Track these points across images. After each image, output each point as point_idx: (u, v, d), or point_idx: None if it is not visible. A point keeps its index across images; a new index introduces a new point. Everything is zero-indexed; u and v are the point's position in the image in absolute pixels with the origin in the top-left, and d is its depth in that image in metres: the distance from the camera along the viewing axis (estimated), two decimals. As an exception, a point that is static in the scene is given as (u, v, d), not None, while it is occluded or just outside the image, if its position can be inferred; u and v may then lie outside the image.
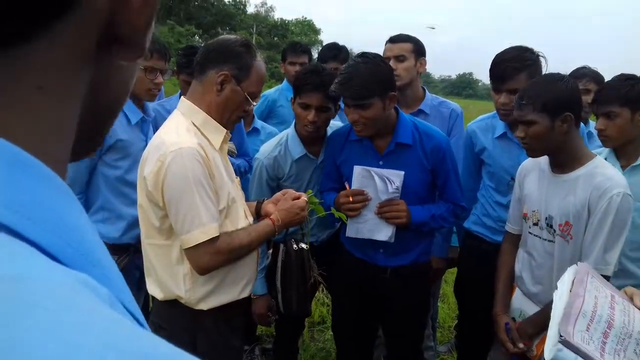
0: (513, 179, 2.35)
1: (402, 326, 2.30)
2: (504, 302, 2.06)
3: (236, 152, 2.72)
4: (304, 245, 1.93)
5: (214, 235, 1.56)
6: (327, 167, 2.28)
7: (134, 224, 2.25)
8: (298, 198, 1.82)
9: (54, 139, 0.31)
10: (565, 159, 1.87)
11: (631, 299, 1.46)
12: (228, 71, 1.61)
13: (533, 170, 2.01)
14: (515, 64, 2.18)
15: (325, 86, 2.10)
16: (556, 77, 1.83)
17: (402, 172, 2.07)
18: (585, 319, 1.37)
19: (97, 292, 0.25)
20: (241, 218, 1.72)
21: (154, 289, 1.70)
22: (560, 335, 1.30)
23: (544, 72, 2.26)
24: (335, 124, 2.42)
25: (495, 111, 2.39)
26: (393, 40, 2.69)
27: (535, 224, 1.95)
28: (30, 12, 0.26)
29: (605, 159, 2.10)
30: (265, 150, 2.31)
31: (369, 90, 1.94)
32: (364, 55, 2.03)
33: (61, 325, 0.21)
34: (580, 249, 1.81)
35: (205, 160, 1.55)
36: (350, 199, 2.09)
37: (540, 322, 1.87)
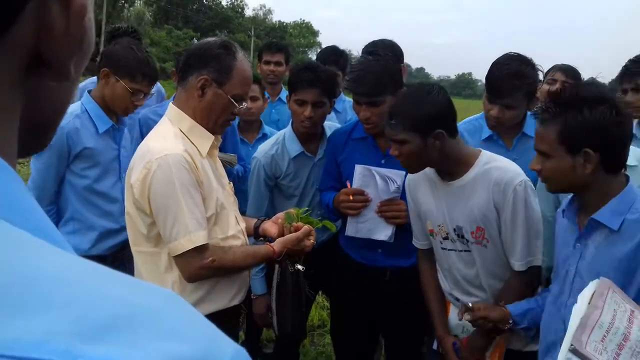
0: None
1: (402, 331, 2.27)
2: (443, 321, 1.94)
3: (236, 163, 2.61)
4: (300, 267, 1.86)
5: (201, 243, 1.52)
6: (328, 165, 2.26)
7: (106, 235, 2.20)
8: (308, 233, 1.74)
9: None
10: (450, 168, 1.78)
11: None
12: (207, 75, 1.58)
13: (421, 182, 1.89)
14: (515, 82, 2.05)
15: (320, 82, 2.10)
16: (424, 91, 1.72)
17: (404, 172, 2.03)
18: (602, 329, 1.35)
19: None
20: (231, 225, 1.69)
21: None
22: (571, 344, 1.27)
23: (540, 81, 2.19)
24: (332, 124, 2.39)
25: (483, 112, 2.34)
26: (369, 52, 2.58)
27: (446, 238, 1.84)
28: None
29: None
30: (263, 149, 2.29)
31: (381, 87, 1.95)
32: (373, 52, 2.02)
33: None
34: (502, 248, 1.75)
35: (192, 166, 1.52)
36: (351, 198, 2.07)
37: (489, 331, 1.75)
